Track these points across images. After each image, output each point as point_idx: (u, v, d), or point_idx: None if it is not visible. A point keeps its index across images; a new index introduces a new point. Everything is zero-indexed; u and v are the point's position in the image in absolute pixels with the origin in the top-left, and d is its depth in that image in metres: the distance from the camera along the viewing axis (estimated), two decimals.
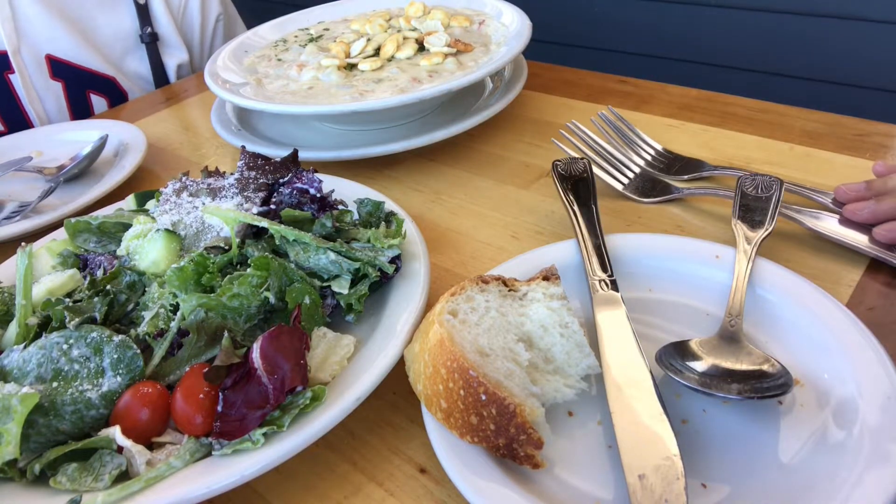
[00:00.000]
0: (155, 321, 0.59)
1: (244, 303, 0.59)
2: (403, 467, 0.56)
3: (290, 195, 0.71)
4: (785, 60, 1.97)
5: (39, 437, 0.53)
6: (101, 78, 1.49)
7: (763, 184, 0.74)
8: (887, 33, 1.80)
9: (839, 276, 0.68)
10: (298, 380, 0.53)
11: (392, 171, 0.98)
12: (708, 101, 1.05)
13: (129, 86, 1.55)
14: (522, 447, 0.49)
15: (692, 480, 0.49)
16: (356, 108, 0.89)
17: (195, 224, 0.70)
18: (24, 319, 0.61)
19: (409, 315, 0.62)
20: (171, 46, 1.58)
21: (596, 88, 1.14)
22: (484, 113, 0.98)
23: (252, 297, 0.60)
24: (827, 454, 0.50)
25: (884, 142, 0.88)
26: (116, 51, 1.52)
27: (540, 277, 0.63)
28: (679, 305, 0.65)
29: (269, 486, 0.56)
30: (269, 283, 0.61)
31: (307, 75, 1.03)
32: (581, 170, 0.80)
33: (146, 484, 0.50)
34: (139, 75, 1.56)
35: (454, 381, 0.51)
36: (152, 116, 1.32)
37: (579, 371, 0.57)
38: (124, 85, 1.53)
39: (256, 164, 0.78)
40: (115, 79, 1.51)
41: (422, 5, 1.19)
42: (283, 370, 0.53)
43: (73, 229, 0.75)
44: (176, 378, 0.57)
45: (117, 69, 1.52)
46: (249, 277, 0.60)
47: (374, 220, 0.73)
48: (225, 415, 0.52)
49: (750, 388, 0.52)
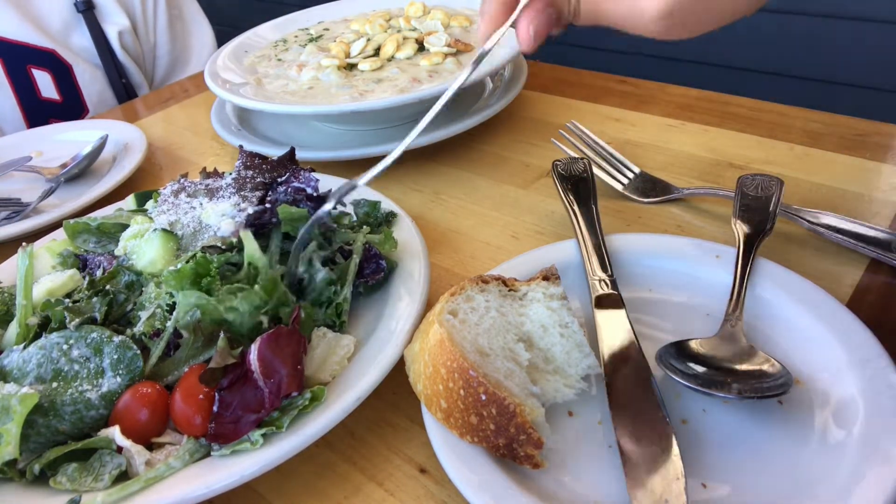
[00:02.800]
0: (151, 321, 0.59)
1: (238, 319, 0.58)
2: (403, 467, 0.56)
3: (286, 192, 0.71)
4: (785, 60, 1.97)
5: (39, 438, 0.53)
6: (40, 51, 1.45)
7: (763, 184, 0.73)
8: (887, 33, 1.80)
9: (839, 276, 0.68)
10: (294, 386, 0.53)
11: (392, 171, 0.97)
12: (708, 101, 1.05)
13: (71, 58, 1.50)
14: (522, 447, 0.49)
15: (692, 480, 0.49)
16: (356, 108, 0.89)
17: (192, 224, 0.70)
18: (25, 319, 0.61)
19: (409, 315, 0.62)
20: (109, 13, 1.53)
21: (596, 88, 1.14)
22: (484, 113, 0.98)
23: (249, 316, 0.58)
24: (827, 454, 0.50)
25: (884, 142, 0.88)
26: (55, 23, 1.47)
27: (540, 277, 0.63)
28: (679, 305, 0.65)
29: (269, 486, 0.56)
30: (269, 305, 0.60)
31: (307, 75, 1.03)
32: (581, 170, 0.80)
33: (146, 484, 0.50)
34: (82, 47, 1.52)
35: (454, 381, 0.51)
36: (152, 116, 1.32)
37: (579, 371, 0.57)
38: (66, 57, 1.49)
39: (254, 163, 0.78)
40: (55, 51, 1.47)
41: (422, 5, 1.19)
42: (279, 374, 0.53)
43: (73, 230, 0.75)
44: (175, 378, 0.57)
45: (58, 42, 1.47)
46: (253, 296, 0.58)
47: (371, 220, 0.73)
48: (220, 415, 0.52)
49: (750, 388, 0.52)
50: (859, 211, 0.77)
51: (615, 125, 1.02)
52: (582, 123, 0.93)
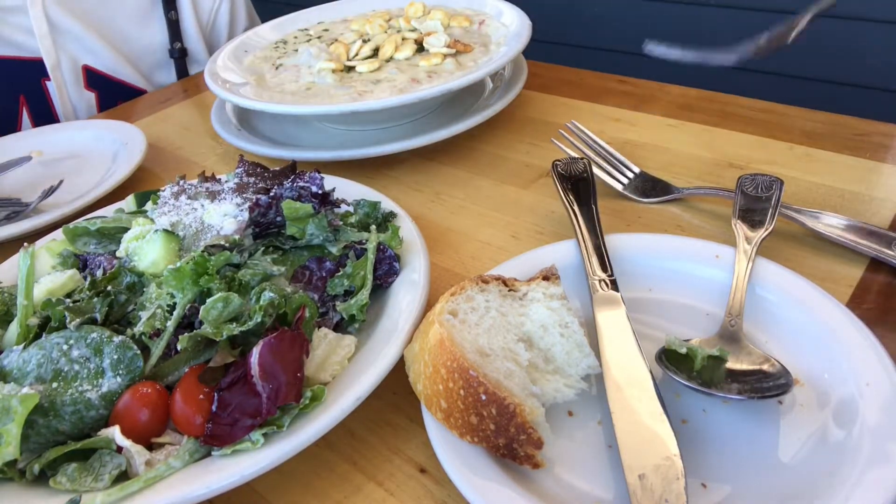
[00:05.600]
0: (151, 321, 0.59)
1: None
2: (403, 467, 0.56)
3: (291, 189, 0.70)
4: (785, 60, 1.97)
5: (39, 438, 0.53)
6: (133, 90, 1.52)
7: (763, 184, 0.74)
8: (887, 33, 1.80)
9: (839, 276, 0.68)
10: (292, 396, 0.53)
11: (392, 171, 0.98)
12: (708, 101, 1.05)
13: None
14: (522, 447, 0.49)
15: (692, 480, 0.49)
16: (355, 109, 0.89)
17: (194, 224, 0.70)
18: (25, 320, 0.61)
19: (409, 315, 0.62)
20: (197, 61, 1.61)
21: (596, 88, 1.14)
22: (484, 113, 0.98)
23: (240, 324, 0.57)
24: (827, 454, 0.50)
25: (884, 142, 0.88)
26: (147, 64, 1.55)
27: (540, 277, 0.63)
28: (679, 305, 0.65)
29: (269, 486, 0.56)
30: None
31: (306, 76, 1.03)
32: (581, 170, 0.80)
33: (145, 484, 0.50)
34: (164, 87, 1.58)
35: (454, 381, 0.51)
36: (152, 116, 1.32)
37: (579, 371, 0.57)
38: None
39: (255, 172, 0.78)
40: (147, 91, 1.54)
41: (422, 5, 1.19)
42: (279, 381, 0.53)
43: (72, 234, 0.75)
44: (175, 378, 0.57)
45: (148, 81, 1.55)
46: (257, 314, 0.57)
47: (371, 220, 0.73)
48: (217, 416, 0.52)
49: (750, 388, 0.52)
50: (859, 211, 0.77)
51: (615, 125, 1.02)
52: (582, 123, 0.93)
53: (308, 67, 1.05)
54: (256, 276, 0.63)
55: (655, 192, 0.84)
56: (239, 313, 0.58)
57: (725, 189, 0.78)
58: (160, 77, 1.58)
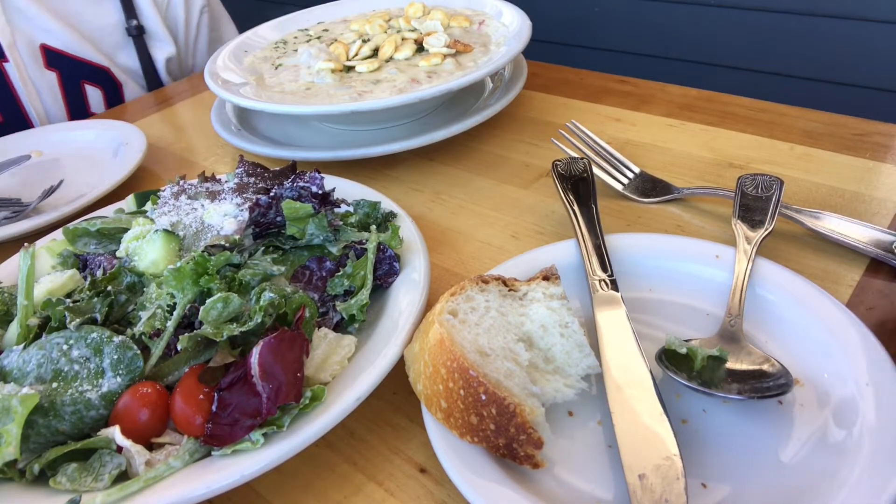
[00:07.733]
0: (151, 321, 0.59)
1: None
2: (403, 467, 0.56)
3: (291, 189, 0.70)
4: (785, 60, 1.97)
5: (39, 438, 0.53)
6: (96, 68, 1.50)
7: (763, 184, 0.74)
8: (887, 33, 1.80)
9: (839, 276, 0.68)
10: (292, 396, 0.53)
11: (392, 171, 0.98)
12: (708, 101, 1.05)
13: (122, 78, 1.55)
14: (522, 447, 0.49)
15: (692, 480, 0.49)
16: (355, 109, 0.89)
17: (194, 224, 0.70)
18: (26, 320, 0.61)
19: (409, 315, 0.62)
20: (158, 39, 1.59)
21: (596, 88, 1.14)
22: (484, 113, 0.98)
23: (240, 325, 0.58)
24: (827, 454, 0.50)
25: (884, 142, 0.88)
26: (107, 44, 1.53)
27: (540, 277, 0.63)
28: (679, 305, 0.65)
29: (269, 486, 0.56)
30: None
31: (305, 76, 1.03)
32: (581, 170, 0.80)
33: (145, 484, 0.50)
34: (130, 69, 1.57)
35: (454, 381, 0.51)
36: (152, 116, 1.32)
37: (579, 371, 0.57)
38: (118, 76, 1.54)
39: (256, 172, 0.78)
40: (109, 69, 1.52)
41: (421, 5, 1.19)
42: (279, 381, 0.53)
43: (72, 234, 0.75)
44: (175, 378, 0.57)
45: (111, 61, 1.53)
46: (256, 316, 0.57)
47: (371, 220, 0.73)
48: (217, 416, 0.52)
49: (750, 388, 0.52)
50: (859, 211, 0.77)
51: (615, 125, 1.02)
52: (582, 123, 0.93)
53: (308, 67, 1.05)
54: (256, 276, 0.63)
55: (655, 192, 0.84)
56: (239, 313, 0.58)
57: (725, 189, 0.78)
58: (122, 57, 1.56)
